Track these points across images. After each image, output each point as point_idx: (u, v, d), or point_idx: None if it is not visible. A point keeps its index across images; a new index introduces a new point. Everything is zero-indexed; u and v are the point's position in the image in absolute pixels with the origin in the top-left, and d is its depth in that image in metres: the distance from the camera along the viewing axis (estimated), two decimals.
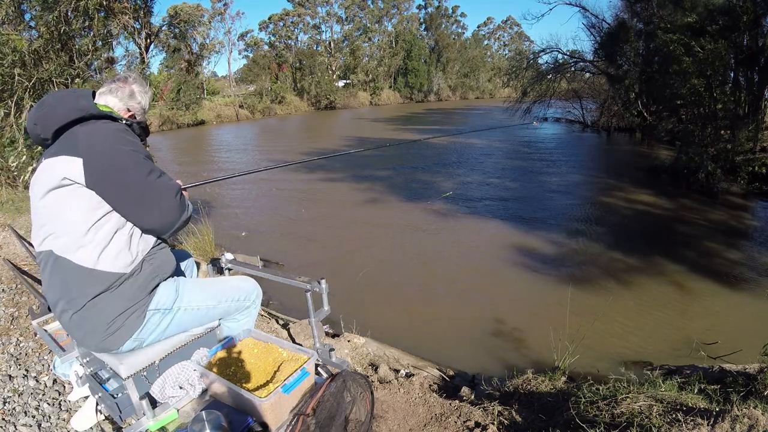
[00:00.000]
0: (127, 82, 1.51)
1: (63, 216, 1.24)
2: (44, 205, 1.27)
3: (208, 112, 29.72)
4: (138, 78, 1.56)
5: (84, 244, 1.23)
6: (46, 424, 1.89)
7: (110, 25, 6.39)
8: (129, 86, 1.50)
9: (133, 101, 1.50)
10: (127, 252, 1.29)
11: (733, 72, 10.29)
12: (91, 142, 1.25)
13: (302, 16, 40.14)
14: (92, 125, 1.29)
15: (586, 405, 1.87)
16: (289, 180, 10.96)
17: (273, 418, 1.32)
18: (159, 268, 1.38)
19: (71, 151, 1.24)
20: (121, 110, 1.47)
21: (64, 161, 1.23)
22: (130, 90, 1.50)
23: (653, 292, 4.75)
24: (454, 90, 48.10)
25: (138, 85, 1.53)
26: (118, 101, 1.47)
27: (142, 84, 1.55)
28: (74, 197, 1.23)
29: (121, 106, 1.47)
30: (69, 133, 1.27)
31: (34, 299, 3.06)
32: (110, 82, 1.51)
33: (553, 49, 18.64)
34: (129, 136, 1.34)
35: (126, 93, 1.49)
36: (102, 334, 1.28)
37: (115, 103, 1.46)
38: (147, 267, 1.34)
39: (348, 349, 2.95)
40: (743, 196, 8.55)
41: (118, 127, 1.34)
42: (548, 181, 10.40)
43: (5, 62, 5.33)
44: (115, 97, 1.46)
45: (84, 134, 1.27)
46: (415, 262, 5.77)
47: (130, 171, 1.26)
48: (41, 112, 1.29)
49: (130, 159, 1.27)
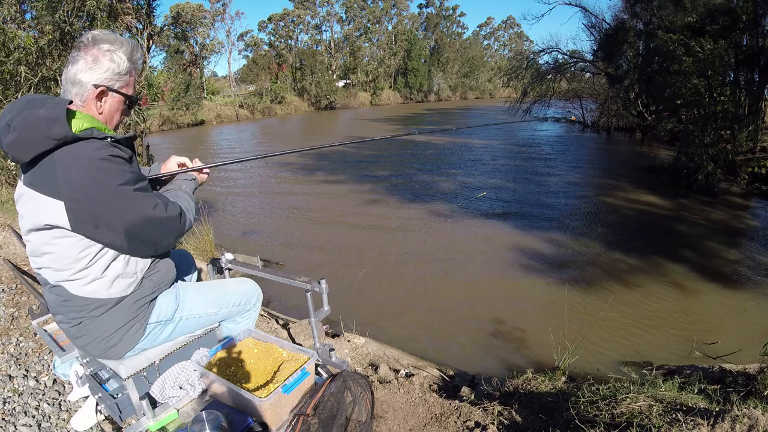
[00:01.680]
0: (84, 48, 1.16)
1: (52, 254, 1.17)
2: (30, 240, 1.19)
3: (208, 112, 29.74)
4: (101, 35, 1.19)
5: (79, 278, 1.18)
6: (46, 424, 1.89)
7: (113, 26, 6.40)
8: (87, 54, 1.16)
9: (98, 72, 1.16)
10: (125, 278, 1.24)
11: (733, 72, 10.30)
12: (70, 179, 1.07)
13: (302, 16, 40.16)
14: (70, 153, 1.08)
15: (586, 405, 1.87)
16: (289, 180, 10.96)
17: (273, 418, 1.32)
18: (159, 282, 1.34)
19: (50, 188, 1.08)
20: (88, 98, 1.17)
21: (45, 203, 1.09)
22: (92, 58, 1.15)
23: (653, 292, 4.75)
24: (454, 90, 48.12)
25: (101, 45, 1.17)
26: (80, 88, 1.16)
27: (109, 40, 1.18)
28: (61, 239, 1.14)
29: (85, 93, 1.17)
30: (46, 161, 1.09)
31: (34, 299, 3.06)
32: (67, 63, 1.18)
33: (552, 49, 18.69)
34: (114, 163, 1.12)
35: (85, 66, 1.15)
36: (102, 346, 1.28)
37: (78, 93, 1.16)
38: (147, 283, 1.31)
39: (348, 349, 2.95)
40: (743, 196, 8.55)
41: (100, 153, 1.10)
42: (548, 181, 10.40)
43: (11, 59, 5.34)
44: (74, 86, 1.16)
45: (62, 167, 1.08)
46: (415, 262, 5.77)
47: (119, 212, 1.11)
48: (10, 138, 1.06)
49: (118, 197, 1.10)
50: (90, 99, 1.18)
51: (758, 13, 9.11)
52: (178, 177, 1.47)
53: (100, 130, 1.17)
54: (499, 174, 11.23)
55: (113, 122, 1.27)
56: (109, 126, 1.25)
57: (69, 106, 1.11)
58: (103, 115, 1.22)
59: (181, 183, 1.44)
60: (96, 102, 1.20)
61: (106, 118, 1.24)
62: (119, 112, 1.27)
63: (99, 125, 1.18)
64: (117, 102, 1.24)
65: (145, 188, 1.19)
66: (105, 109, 1.22)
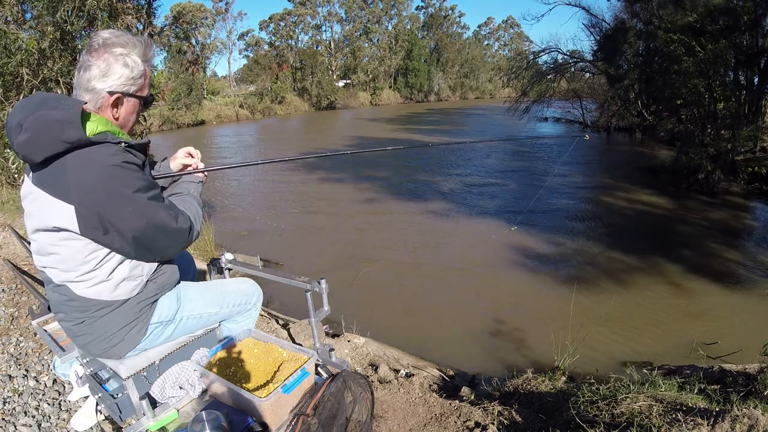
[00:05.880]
0: (96, 53, 1.12)
1: (59, 255, 1.15)
2: (36, 240, 1.18)
3: (208, 112, 29.75)
4: (112, 37, 1.13)
5: (84, 280, 1.18)
6: (46, 424, 1.89)
7: (114, 26, 6.40)
8: (99, 60, 1.11)
9: (112, 78, 1.13)
10: (130, 280, 1.24)
11: (734, 72, 10.30)
12: (81, 183, 1.05)
13: (303, 16, 40.17)
14: (82, 157, 1.06)
15: (586, 405, 1.87)
16: (289, 181, 10.96)
17: (273, 418, 1.32)
18: (163, 285, 1.34)
19: (60, 191, 1.06)
20: (102, 104, 1.14)
21: (54, 205, 1.07)
22: (104, 63, 1.12)
23: (653, 292, 4.75)
24: (454, 90, 48.12)
25: (114, 49, 1.13)
26: (93, 95, 1.13)
27: (121, 43, 1.14)
28: (68, 242, 1.12)
29: (100, 101, 1.14)
30: (58, 163, 1.07)
31: (34, 299, 3.05)
32: (79, 67, 1.13)
33: (552, 49, 18.70)
34: (127, 170, 1.09)
35: (98, 73, 1.12)
36: (104, 345, 1.28)
37: (92, 100, 1.13)
38: (151, 286, 1.31)
39: (348, 349, 2.95)
40: (743, 196, 8.55)
41: (113, 159, 1.08)
42: (548, 181, 10.40)
43: (13, 61, 5.34)
44: (87, 93, 1.13)
45: (74, 171, 1.05)
46: (415, 262, 5.77)
47: (130, 219, 1.09)
48: (22, 138, 1.03)
49: (129, 205, 1.09)
50: (105, 106, 1.16)
51: (758, 13, 9.11)
52: (184, 178, 1.46)
53: (115, 134, 1.14)
54: (499, 174, 11.23)
55: (129, 125, 1.26)
56: (124, 129, 1.23)
57: (84, 107, 1.09)
58: (118, 121, 1.21)
59: (188, 186, 1.43)
60: (111, 109, 1.17)
61: (122, 123, 1.22)
62: (135, 114, 1.25)
63: (113, 129, 1.15)
64: (133, 105, 1.22)
65: (158, 196, 1.17)
66: (121, 114, 1.20)
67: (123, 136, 1.18)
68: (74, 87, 1.17)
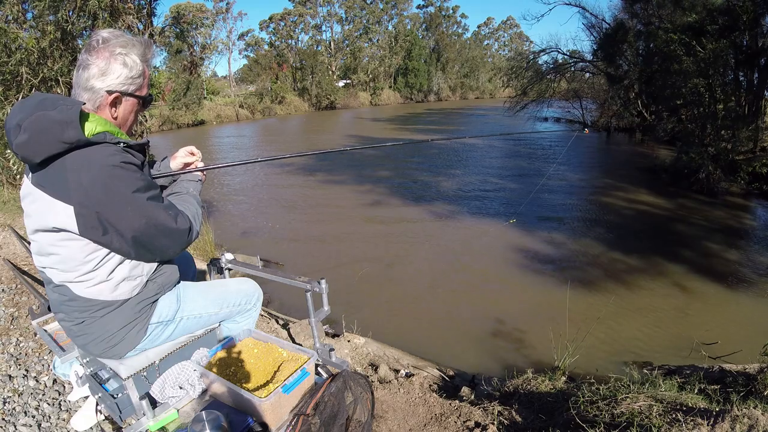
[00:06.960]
0: (96, 52, 1.12)
1: (58, 256, 1.16)
2: (36, 240, 1.19)
3: (208, 112, 29.71)
4: (112, 36, 1.14)
5: (84, 280, 1.18)
6: (46, 424, 1.89)
7: (114, 25, 6.40)
8: (99, 58, 1.12)
9: (111, 77, 1.13)
10: (130, 281, 1.24)
11: (733, 72, 10.30)
12: (80, 184, 1.05)
13: (303, 16, 40.16)
14: (81, 157, 1.07)
15: (586, 405, 1.87)
16: (289, 181, 10.96)
17: (273, 418, 1.32)
18: (163, 285, 1.34)
19: (60, 192, 1.07)
20: (101, 104, 1.15)
21: (53, 206, 1.08)
22: (104, 62, 1.12)
23: (653, 292, 4.75)
24: (454, 90, 48.11)
25: (113, 48, 1.13)
26: (92, 94, 1.14)
27: (120, 43, 1.14)
28: (68, 242, 1.13)
29: (99, 100, 1.14)
30: (57, 163, 1.07)
31: (34, 299, 3.06)
32: (78, 66, 1.14)
33: (552, 49, 18.70)
34: (126, 170, 1.10)
35: (97, 72, 1.12)
36: (104, 345, 1.28)
37: (91, 99, 1.14)
38: (151, 285, 1.31)
39: (348, 349, 2.95)
40: (743, 196, 8.56)
41: (112, 160, 1.08)
42: (548, 180, 10.39)
43: (13, 60, 5.34)
44: (86, 92, 1.13)
45: (73, 171, 1.06)
46: (415, 262, 5.77)
47: (129, 220, 1.10)
48: (21, 139, 1.03)
49: (129, 205, 1.09)
50: (104, 105, 1.16)
51: (758, 13, 9.11)
52: (184, 177, 1.47)
53: (113, 134, 1.15)
54: (499, 174, 11.23)
55: (128, 125, 1.26)
56: (123, 129, 1.23)
57: (82, 107, 1.09)
58: (117, 120, 1.21)
59: (188, 185, 1.43)
60: (110, 108, 1.17)
61: (121, 123, 1.22)
62: (133, 113, 1.25)
63: (112, 129, 1.15)
64: (131, 105, 1.22)
65: (157, 196, 1.18)
66: (119, 113, 1.21)
67: (122, 136, 1.18)
68: (73, 86, 1.17)
